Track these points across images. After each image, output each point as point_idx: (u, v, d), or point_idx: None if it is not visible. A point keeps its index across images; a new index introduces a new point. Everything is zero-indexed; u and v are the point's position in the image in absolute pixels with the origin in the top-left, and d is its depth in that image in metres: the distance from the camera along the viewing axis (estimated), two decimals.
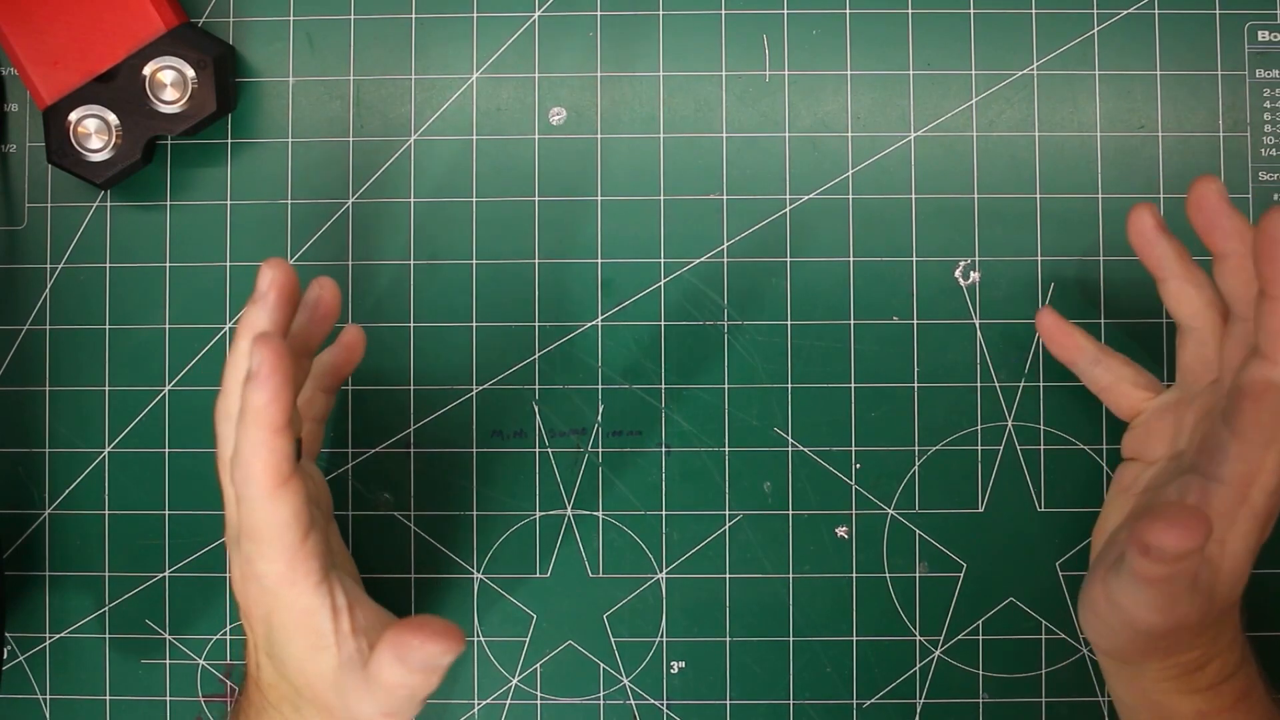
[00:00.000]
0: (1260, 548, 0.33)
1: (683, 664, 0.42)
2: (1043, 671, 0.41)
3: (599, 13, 0.42)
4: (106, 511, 0.42)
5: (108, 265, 0.42)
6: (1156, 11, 0.42)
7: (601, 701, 0.42)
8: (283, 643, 0.33)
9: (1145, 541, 0.30)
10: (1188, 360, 0.36)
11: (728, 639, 0.42)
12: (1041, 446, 0.42)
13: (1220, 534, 0.32)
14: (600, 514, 0.42)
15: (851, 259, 0.42)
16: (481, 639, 0.42)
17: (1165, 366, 0.41)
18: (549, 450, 0.42)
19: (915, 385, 0.42)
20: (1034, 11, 0.42)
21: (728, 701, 0.42)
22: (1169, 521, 0.29)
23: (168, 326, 0.42)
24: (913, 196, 0.42)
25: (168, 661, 0.42)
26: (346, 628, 0.33)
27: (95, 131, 0.40)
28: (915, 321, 0.42)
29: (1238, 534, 0.32)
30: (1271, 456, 0.31)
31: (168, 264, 0.42)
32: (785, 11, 0.42)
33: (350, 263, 0.42)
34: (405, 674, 0.31)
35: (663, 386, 0.42)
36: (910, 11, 0.42)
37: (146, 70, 0.40)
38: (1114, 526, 0.37)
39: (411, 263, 0.42)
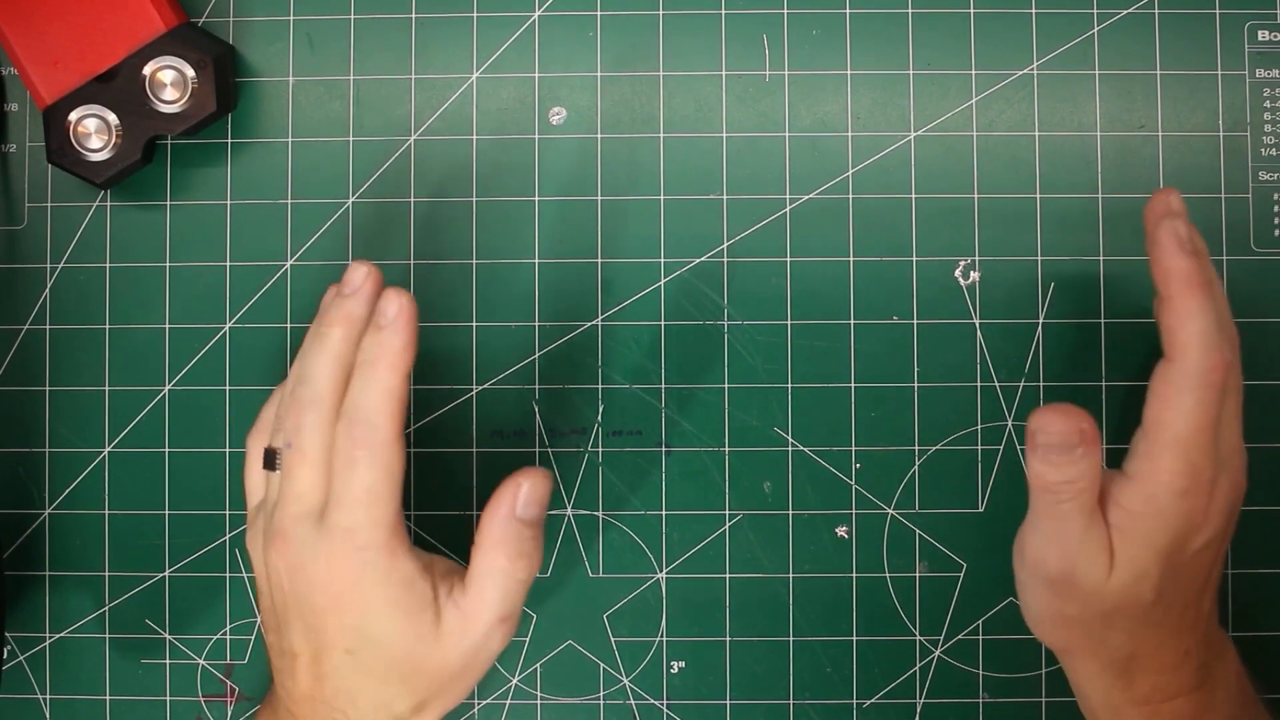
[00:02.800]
0: (1180, 552, 0.33)
1: (683, 664, 0.42)
2: (1043, 671, 0.41)
3: (599, 13, 0.42)
4: (106, 511, 0.42)
5: (108, 265, 0.42)
6: (1156, 11, 0.42)
7: (601, 701, 0.42)
8: (382, 621, 0.33)
9: (1030, 426, 0.32)
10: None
11: (728, 639, 0.42)
12: None
13: (1120, 522, 0.33)
14: (600, 514, 0.42)
15: (851, 259, 0.42)
16: None
17: None
18: (549, 450, 0.42)
19: (915, 385, 0.42)
20: (1034, 11, 0.42)
21: (728, 701, 0.42)
22: (1051, 407, 0.32)
23: (168, 326, 0.42)
24: (913, 196, 0.42)
25: (168, 661, 0.42)
26: (438, 577, 0.34)
27: (95, 131, 0.40)
28: (915, 321, 0.42)
29: (1139, 526, 0.33)
30: (1175, 457, 0.32)
31: (168, 264, 0.42)
32: (785, 11, 0.42)
33: (350, 262, 0.42)
34: (517, 531, 0.33)
35: (663, 386, 0.42)
36: (910, 11, 0.42)
37: (146, 70, 0.40)
38: None
39: (411, 263, 0.42)
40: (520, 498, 0.34)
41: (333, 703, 0.34)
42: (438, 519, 0.42)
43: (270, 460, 0.35)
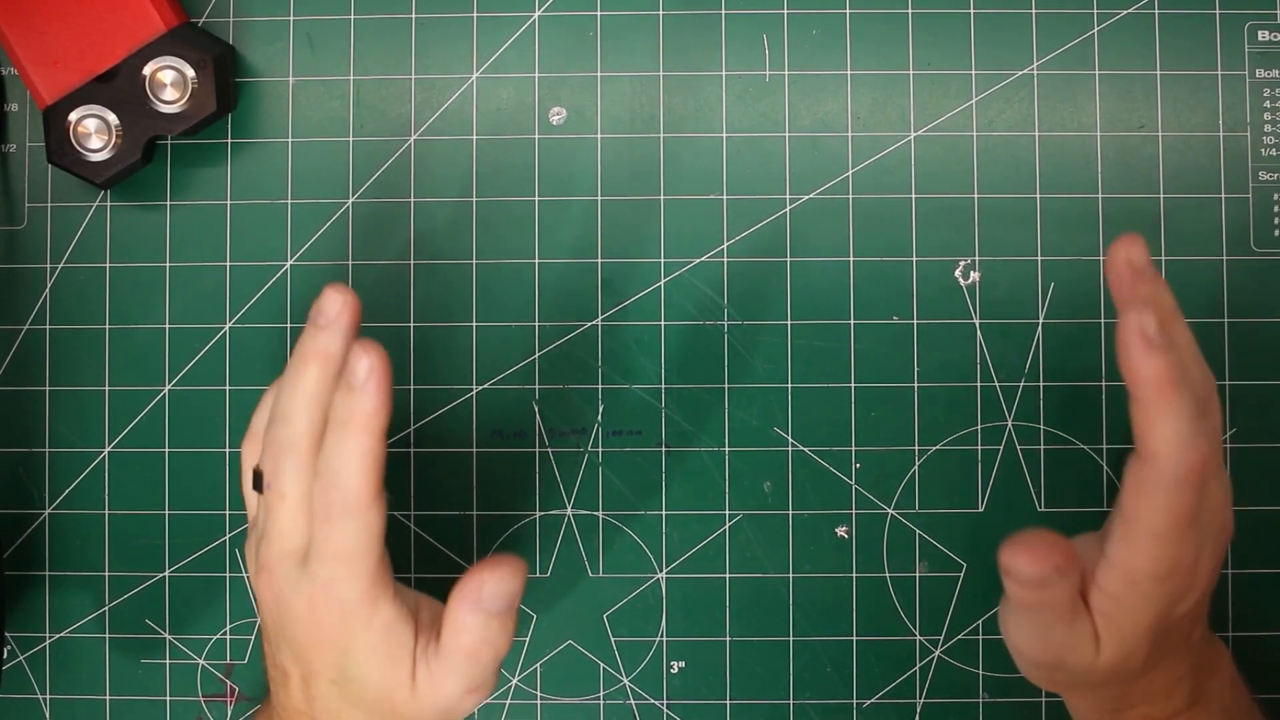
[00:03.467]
0: (1167, 620, 0.32)
1: (683, 664, 0.42)
2: None
3: (599, 13, 0.42)
4: (106, 511, 0.42)
5: (108, 265, 0.42)
6: (1156, 11, 0.42)
7: (601, 701, 0.42)
8: (361, 664, 0.32)
9: (1002, 564, 0.31)
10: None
11: (728, 639, 0.42)
12: (1041, 446, 0.42)
13: (1103, 607, 0.32)
14: (600, 514, 0.42)
15: (851, 259, 0.42)
16: None
17: None
18: (549, 450, 0.42)
19: (915, 385, 0.42)
20: (1034, 11, 0.42)
21: (728, 701, 0.42)
22: (1021, 546, 0.31)
23: (168, 326, 0.42)
24: (913, 196, 0.42)
25: (168, 661, 0.42)
26: (421, 626, 0.33)
27: (95, 131, 0.40)
28: (915, 321, 0.42)
29: (1123, 612, 0.32)
30: (1153, 548, 0.31)
31: (168, 264, 0.42)
32: (785, 11, 0.42)
33: (350, 263, 0.42)
34: (482, 622, 0.32)
35: (663, 386, 0.42)
36: (910, 11, 0.42)
37: (146, 70, 0.40)
38: None
39: (412, 263, 0.42)
40: (485, 593, 0.32)
41: (317, 717, 0.34)
42: (438, 519, 0.42)
43: (257, 482, 0.34)
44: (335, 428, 0.31)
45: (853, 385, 0.42)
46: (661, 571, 0.42)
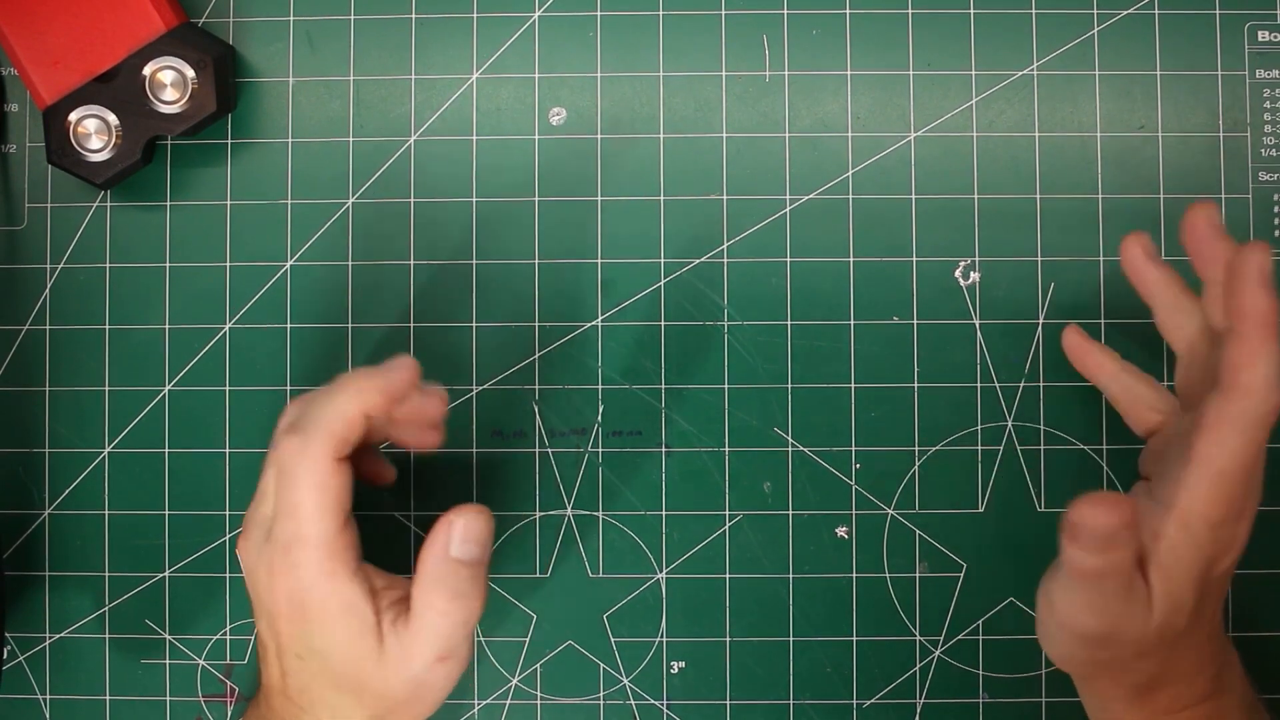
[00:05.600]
0: (1207, 581, 0.32)
1: (683, 664, 0.42)
2: (1043, 671, 0.41)
3: (599, 13, 0.42)
4: (106, 511, 0.42)
5: (108, 265, 0.42)
6: (1156, 11, 0.42)
7: (601, 701, 0.42)
8: (323, 636, 0.33)
9: (1070, 520, 0.31)
10: (1182, 386, 0.36)
11: (728, 639, 0.42)
12: (1041, 446, 0.42)
13: (1158, 557, 0.32)
14: (600, 514, 0.42)
15: (851, 259, 0.42)
16: (481, 639, 0.42)
17: (1165, 367, 0.41)
18: (549, 450, 0.42)
19: (915, 385, 0.42)
20: (1034, 11, 0.42)
21: (728, 701, 0.42)
22: (1092, 501, 0.30)
23: (168, 326, 0.42)
24: (913, 196, 0.42)
25: (168, 661, 0.42)
26: (385, 603, 0.33)
27: (95, 131, 0.40)
28: (915, 321, 0.42)
29: (1177, 560, 0.32)
30: (1215, 489, 0.31)
31: (168, 264, 0.42)
32: (785, 11, 0.42)
33: (350, 263, 0.42)
34: (452, 571, 0.33)
35: (663, 386, 0.42)
36: (910, 11, 0.42)
37: (146, 70, 0.40)
38: None
39: (411, 263, 0.42)
40: (454, 535, 0.33)
41: (298, 701, 0.34)
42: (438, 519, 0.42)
43: None
44: (335, 385, 0.33)
45: (853, 385, 0.42)
46: (661, 571, 0.42)
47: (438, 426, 0.37)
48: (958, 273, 0.42)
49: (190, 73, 0.40)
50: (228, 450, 0.42)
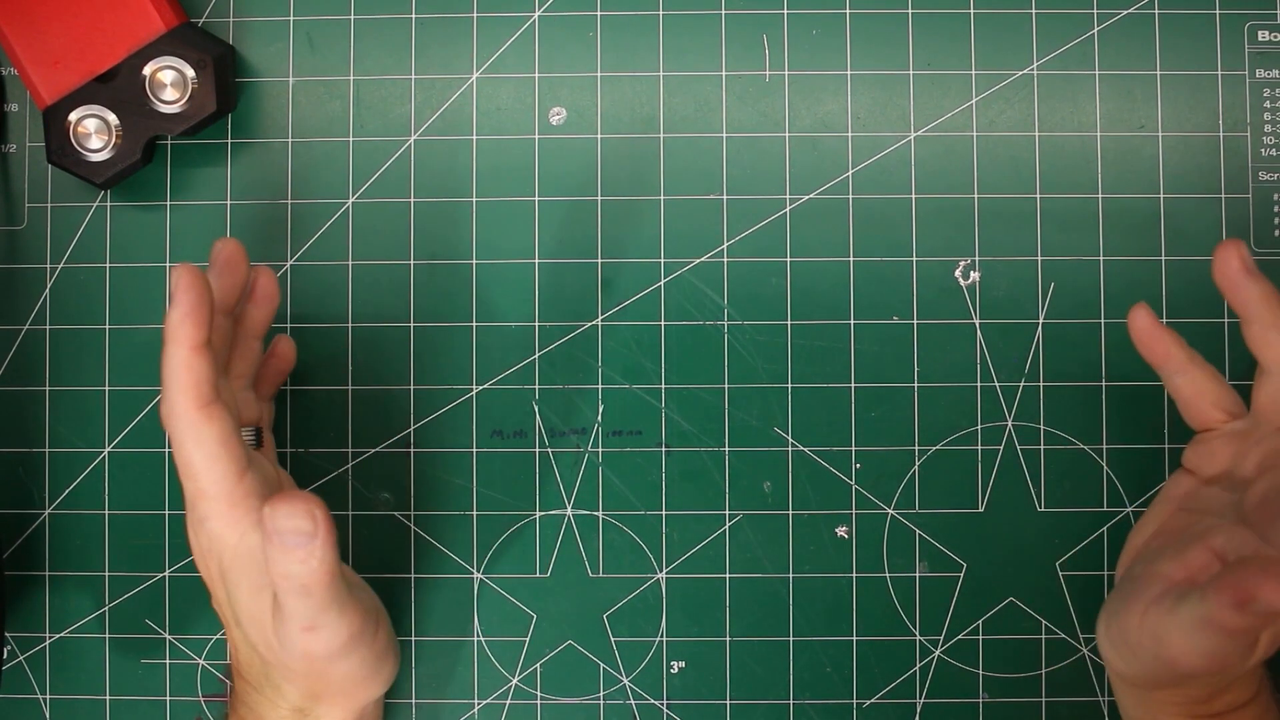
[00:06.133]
0: None
1: (683, 664, 0.42)
2: (1043, 671, 0.41)
3: (599, 13, 0.42)
4: (106, 511, 0.42)
5: (108, 265, 0.42)
6: (1156, 11, 0.42)
7: (601, 701, 0.42)
8: (235, 594, 0.32)
9: (1252, 594, 0.28)
10: (1263, 400, 0.35)
11: (728, 639, 0.42)
12: (1041, 446, 0.42)
13: (1268, 623, 0.31)
14: (600, 514, 0.42)
15: (851, 259, 0.42)
16: (481, 639, 0.42)
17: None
18: (549, 450, 0.42)
19: (915, 385, 0.42)
20: (1034, 11, 0.42)
21: (728, 701, 0.42)
22: (1256, 577, 0.28)
23: None
24: (913, 196, 0.42)
25: (168, 661, 0.42)
26: None
27: (95, 131, 0.40)
28: (915, 321, 0.42)
29: None
30: None
31: (168, 264, 0.42)
32: (785, 11, 0.42)
33: (350, 263, 0.42)
34: (275, 551, 0.29)
35: (663, 386, 0.42)
36: (910, 11, 0.42)
37: (146, 70, 0.40)
38: (1152, 533, 0.36)
39: (411, 263, 0.42)
40: (268, 522, 0.29)
41: (247, 678, 0.34)
42: (438, 519, 0.42)
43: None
44: (163, 344, 0.31)
45: (853, 385, 0.42)
46: (661, 571, 0.42)
47: (270, 291, 0.37)
48: (958, 273, 0.42)
49: (190, 73, 0.40)
50: None
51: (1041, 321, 0.42)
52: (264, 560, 0.30)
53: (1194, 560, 0.33)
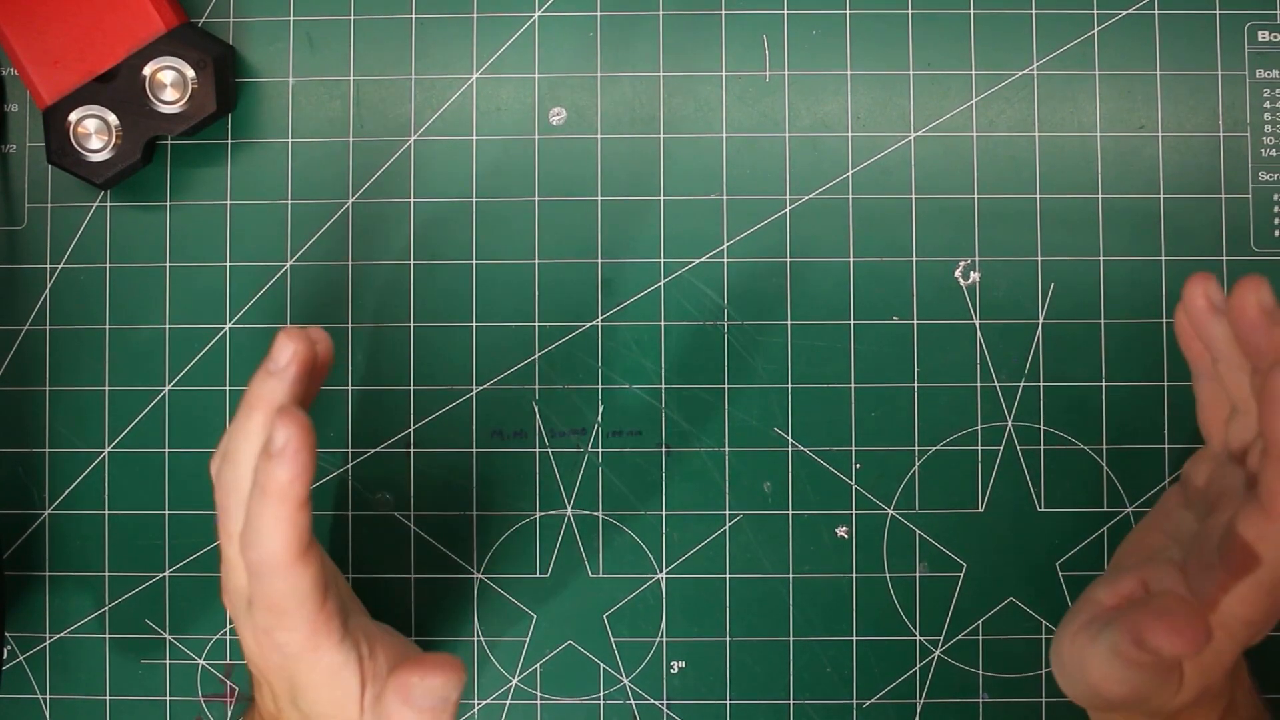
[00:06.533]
0: (1236, 660, 0.32)
1: (683, 664, 0.42)
2: (1043, 671, 0.41)
3: (599, 13, 0.42)
4: (106, 511, 0.42)
5: (108, 265, 0.42)
6: (1156, 11, 0.42)
7: (601, 701, 0.42)
8: (310, 701, 0.32)
9: (1142, 636, 0.29)
10: (1232, 438, 0.34)
11: (728, 639, 0.42)
12: (1041, 446, 0.42)
13: (1200, 657, 0.31)
14: (600, 514, 0.42)
15: (851, 259, 0.42)
16: (481, 639, 0.42)
17: (1165, 367, 0.41)
18: (549, 450, 0.42)
19: (915, 385, 0.42)
20: (1034, 11, 0.42)
21: (728, 701, 0.42)
22: (1171, 625, 0.28)
23: (168, 326, 0.42)
24: (913, 196, 0.42)
25: (168, 661, 0.42)
26: (371, 673, 0.32)
27: (95, 131, 0.40)
28: (915, 321, 0.42)
29: (1215, 655, 0.31)
30: (1255, 596, 0.30)
31: (168, 264, 0.42)
32: (785, 11, 0.42)
33: (350, 263, 0.42)
34: (414, 715, 0.31)
35: (663, 386, 0.42)
36: (910, 11, 0.42)
37: (146, 70, 0.40)
38: (1129, 549, 0.36)
39: (411, 263, 0.42)
40: (412, 694, 0.30)
41: None
42: (438, 519, 0.42)
43: None
44: (256, 492, 0.30)
45: (853, 385, 0.42)
46: (661, 571, 0.42)
47: (329, 358, 0.35)
48: (958, 273, 0.42)
49: (190, 73, 0.40)
50: None
51: (1041, 321, 0.42)
52: (346, 679, 0.32)
53: (1123, 589, 0.33)
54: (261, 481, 0.29)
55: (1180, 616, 0.28)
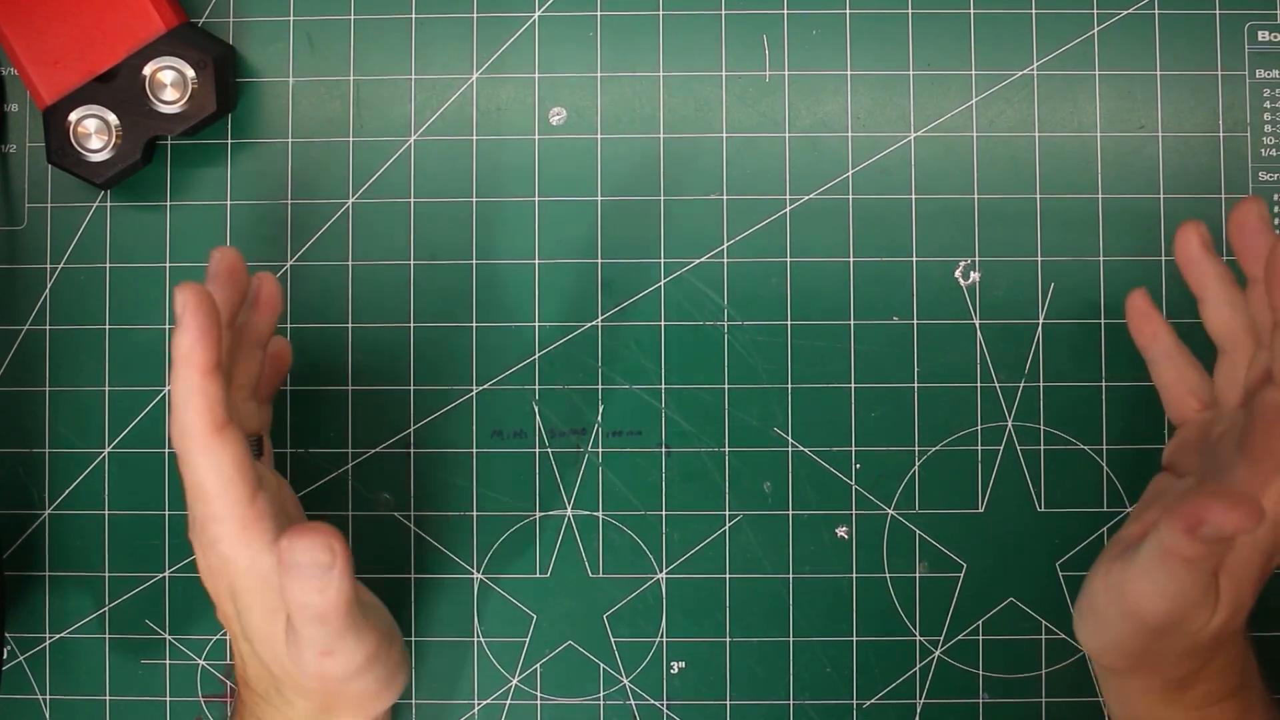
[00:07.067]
0: (1264, 580, 0.32)
1: (683, 664, 0.42)
2: (1043, 671, 0.41)
3: (599, 13, 0.42)
4: (106, 511, 0.42)
5: (108, 265, 0.42)
6: (1156, 11, 0.42)
7: (601, 701, 0.42)
8: (247, 615, 0.32)
9: (1200, 516, 0.29)
10: (1221, 382, 0.36)
11: (728, 639, 0.42)
12: (1041, 446, 0.42)
13: (1232, 563, 0.32)
14: (600, 514, 0.42)
15: (851, 259, 0.42)
16: (481, 639, 0.42)
17: None
18: (549, 450, 0.42)
19: (915, 385, 0.42)
20: (1034, 11, 0.42)
21: (728, 701, 0.42)
22: (1229, 503, 0.28)
23: (168, 326, 0.42)
24: (913, 196, 0.42)
25: (168, 661, 0.42)
26: None
27: (95, 131, 0.40)
28: (915, 321, 0.42)
29: (1245, 561, 0.32)
30: (1277, 484, 0.31)
31: (168, 264, 0.42)
32: (785, 11, 0.42)
33: (350, 263, 0.42)
34: (299, 585, 0.30)
35: (663, 386, 0.42)
36: (910, 11, 0.42)
37: (146, 70, 0.40)
38: (1136, 515, 0.37)
39: (411, 263, 0.42)
40: (283, 556, 0.29)
41: (256, 688, 0.34)
42: (438, 519, 0.42)
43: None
44: (171, 367, 0.30)
45: (853, 385, 0.42)
46: (661, 571, 0.42)
47: (274, 297, 0.37)
48: (958, 273, 0.42)
49: (190, 73, 0.40)
50: None
51: (1041, 321, 0.42)
52: (277, 584, 0.31)
53: (1150, 519, 0.34)
54: (172, 354, 0.30)
55: (1232, 495, 0.28)
